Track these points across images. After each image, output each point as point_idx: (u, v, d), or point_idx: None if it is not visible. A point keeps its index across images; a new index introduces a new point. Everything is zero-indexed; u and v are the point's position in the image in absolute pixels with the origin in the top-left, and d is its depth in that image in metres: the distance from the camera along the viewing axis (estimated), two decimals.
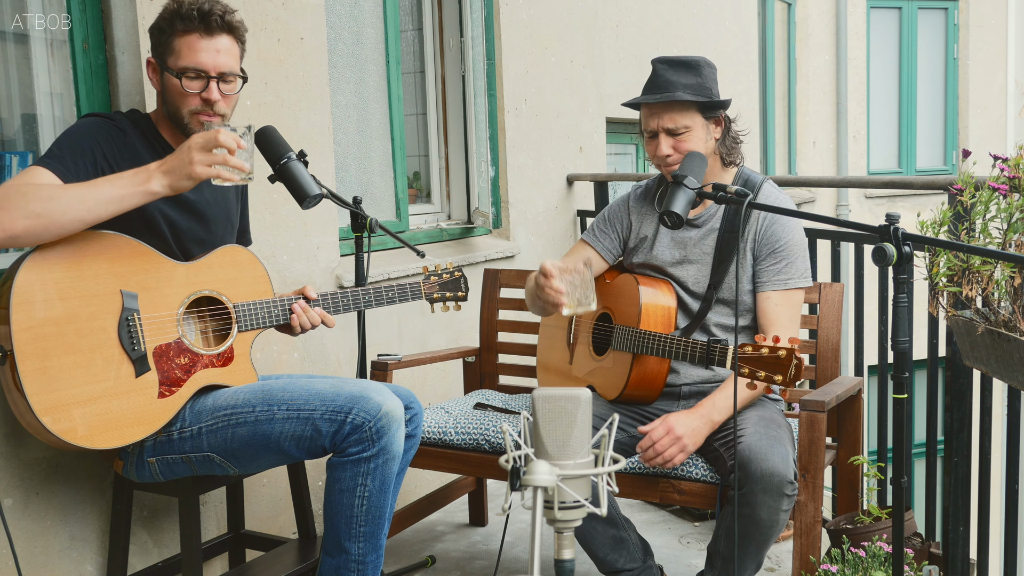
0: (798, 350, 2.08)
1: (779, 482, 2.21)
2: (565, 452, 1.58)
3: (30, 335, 1.95)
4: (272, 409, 2.18)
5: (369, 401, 2.18)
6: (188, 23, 2.15)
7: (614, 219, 2.70)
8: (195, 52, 2.15)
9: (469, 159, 4.21)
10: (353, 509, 2.21)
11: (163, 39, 2.18)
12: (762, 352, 2.11)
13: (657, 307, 2.51)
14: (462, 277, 2.77)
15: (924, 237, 1.90)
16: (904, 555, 1.96)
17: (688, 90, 2.43)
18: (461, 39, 4.14)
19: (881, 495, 3.20)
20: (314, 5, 3.14)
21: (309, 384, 2.24)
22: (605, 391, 2.61)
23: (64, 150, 2.07)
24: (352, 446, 2.18)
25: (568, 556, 1.60)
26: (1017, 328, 1.94)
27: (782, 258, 2.49)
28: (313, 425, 2.17)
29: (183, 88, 2.16)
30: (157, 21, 2.19)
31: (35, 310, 1.96)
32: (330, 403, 2.18)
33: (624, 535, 2.52)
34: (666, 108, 2.44)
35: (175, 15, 2.16)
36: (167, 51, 2.17)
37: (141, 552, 2.57)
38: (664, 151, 2.46)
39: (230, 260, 2.29)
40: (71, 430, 1.99)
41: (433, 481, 3.57)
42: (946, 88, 9.64)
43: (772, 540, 2.32)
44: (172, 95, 2.19)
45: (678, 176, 2.22)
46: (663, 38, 5.69)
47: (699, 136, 2.47)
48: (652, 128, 2.48)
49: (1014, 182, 2.00)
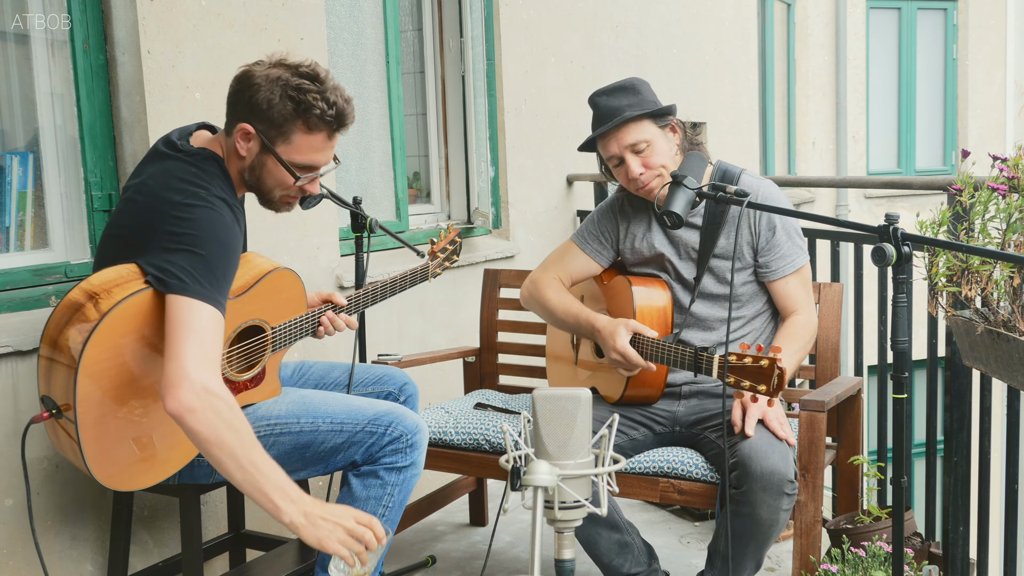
0: (779, 360, 2.07)
1: (779, 480, 2.21)
2: (565, 452, 1.58)
3: (92, 403, 1.90)
4: (317, 421, 2.22)
5: (406, 416, 2.26)
6: (321, 124, 2.04)
7: (603, 228, 2.70)
8: (317, 152, 2.07)
9: (469, 159, 4.21)
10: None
11: (283, 127, 2.03)
12: (745, 362, 2.11)
13: (652, 308, 2.52)
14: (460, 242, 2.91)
15: (923, 237, 1.90)
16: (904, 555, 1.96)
17: (632, 108, 2.47)
18: (461, 39, 4.14)
19: (881, 495, 3.20)
20: (314, 5, 3.15)
21: (346, 398, 2.30)
22: (607, 393, 2.61)
23: (218, 274, 1.91)
24: (388, 456, 2.23)
25: (568, 556, 1.60)
26: (1016, 328, 1.95)
27: (782, 242, 2.52)
28: (355, 436, 2.22)
29: (291, 179, 2.08)
30: (278, 101, 2.00)
31: (102, 379, 1.90)
32: (371, 416, 2.24)
33: (628, 539, 2.52)
34: (620, 130, 2.47)
35: (307, 109, 2.01)
36: (281, 138, 2.04)
37: (141, 552, 2.57)
38: (635, 170, 2.47)
39: (277, 286, 2.25)
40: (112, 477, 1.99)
41: (433, 481, 3.57)
42: (945, 88, 9.64)
43: (772, 539, 2.32)
44: (270, 175, 2.09)
45: (678, 176, 2.23)
46: (663, 38, 5.69)
47: (662, 148, 2.49)
48: (614, 153, 2.50)
49: (1013, 182, 2.00)
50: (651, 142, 2.48)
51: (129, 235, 1.99)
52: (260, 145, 2.05)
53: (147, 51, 2.57)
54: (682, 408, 2.57)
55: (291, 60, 2.06)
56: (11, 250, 2.50)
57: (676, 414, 2.57)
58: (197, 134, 2.15)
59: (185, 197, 1.95)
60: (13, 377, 2.27)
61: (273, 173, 2.09)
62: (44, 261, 2.53)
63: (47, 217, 2.58)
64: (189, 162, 2.03)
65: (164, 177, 2.00)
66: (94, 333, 1.86)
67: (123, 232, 2.02)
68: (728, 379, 2.14)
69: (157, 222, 1.94)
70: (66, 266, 2.53)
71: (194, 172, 2.01)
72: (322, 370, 2.58)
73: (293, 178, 2.08)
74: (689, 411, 2.57)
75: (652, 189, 2.49)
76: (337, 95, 2.05)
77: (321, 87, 2.03)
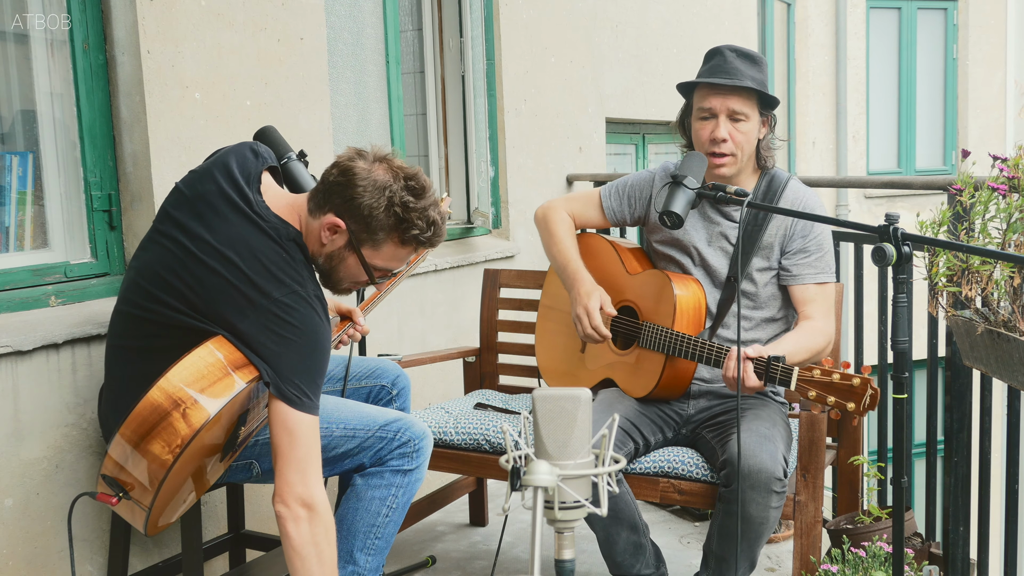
0: (873, 380, 2.06)
1: (766, 479, 2.21)
2: (565, 452, 1.58)
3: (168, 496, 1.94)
4: (331, 427, 2.25)
5: (414, 424, 2.30)
6: (415, 240, 2.04)
7: (633, 191, 2.71)
8: (399, 261, 2.08)
9: (469, 159, 4.21)
10: (378, 518, 2.25)
11: (377, 234, 2.00)
12: (833, 378, 2.08)
13: (690, 306, 2.50)
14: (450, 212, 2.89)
15: (923, 237, 1.90)
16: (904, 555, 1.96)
17: (754, 82, 2.46)
18: (461, 39, 4.14)
19: (881, 495, 3.20)
20: (314, 5, 3.15)
21: (357, 405, 2.34)
22: (630, 388, 2.59)
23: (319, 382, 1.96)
24: (396, 459, 2.26)
25: (568, 556, 1.60)
26: (1016, 328, 1.94)
27: (814, 251, 2.51)
28: (365, 442, 2.25)
29: (366, 278, 2.09)
30: (381, 212, 1.98)
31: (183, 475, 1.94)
32: (381, 423, 2.28)
33: (643, 541, 2.52)
34: (733, 92, 2.46)
35: (407, 226, 2.00)
36: (370, 242, 2.02)
37: (141, 552, 2.57)
38: (722, 133, 2.46)
39: None
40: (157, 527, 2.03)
41: (433, 481, 3.57)
42: (945, 88, 9.64)
43: (764, 538, 2.31)
44: (347, 270, 2.07)
45: (678, 176, 2.22)
46: (663, 38, 5.69)
47: (753, 129, 2.50)
48: (712, 106, 2.48)
49: (1013, 182, 2.00)
50: (749, 118, 2.47)
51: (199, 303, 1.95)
52: (346, 242, 2.02)
53: (147, 51, 2.57)
54: (691, 408, 2.58)
55: (396, 161, 2.03)
56: (11, 250, 2.50)
57: (686, 414, 2.57)
58: (267, 185, 2.08)
59: (284, 295, 1.94)
60: (13, 377, 2.27)
61: (351, 269, 2.07)
62: (44, 261, 2.53)
63: (47, 217, 2.58)
64: (276, 241, 1.98)
65: (252, 256, 1.95)
66: (186, 449, 1.87)
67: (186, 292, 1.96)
68: (810, 393, 2.11)
69: (247, 311, 1.92)
70: (66, 266, 2.53)
71: (285, 259, 1.97)
72: None
73: (368, 279, 2.08)
74: (697, 411, 2.57)
75: (723, 164, 2.48)
76: (437, 213, 2.04)
77: (424, 204, 2.01)
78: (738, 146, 2.47)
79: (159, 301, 1.98)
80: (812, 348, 2.44)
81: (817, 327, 2.48)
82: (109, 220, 2.62)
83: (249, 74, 2.89)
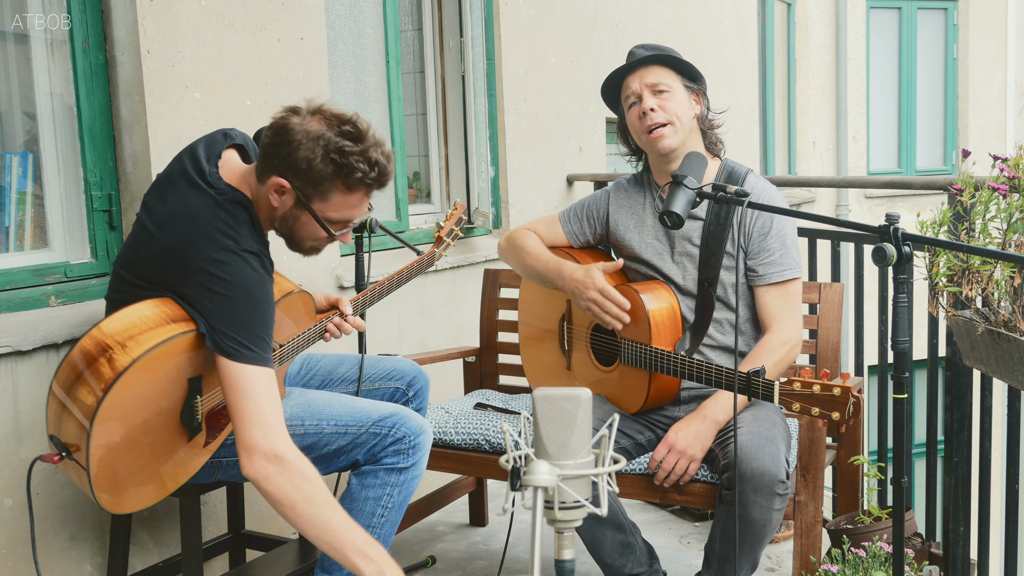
0: (854, 388, 2.03)
1: (770, 481, 2.20)
2: (565, 452, 1.58)
3: (104, 449, 1.91)
4: (321, 423, 2.23)
5: (411, 418, 2.26)
6: (361, 184, 2.00)
7: (590, 211, 2.71)
8: (353, 209, 2.04)
9: (469, 159, 4.21)
10: (373, 519, 2.22)
11: (321, 186, 1.98)
12: (814, 390, 2.06)
13: (664, 318, 2.47)
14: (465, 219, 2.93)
15: (924, 237, 1.90)
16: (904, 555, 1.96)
17: (658, 51, 2.48)
18: (461, 39, 4.14)
19: (881, 495, 3.20)
20: (314, 5, 3.14)
21: (351, 400, 2.31)
22: (621, 405, 2.58)
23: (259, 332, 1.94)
24: (390, 456, 2.23)
25: (568, 556, 1.60)
26: (1017, 328, 1.94)
27: (774, 248, 2.48)
28: (359, 438, 2.23)
29: (324, 233, 2.06)
30: (318, 162, 1.95)
31: (114, 430, 1.91)
32: (375, 418, 2.24)
33: (632, 540, 2.51)
34: (645, 68, 2.47)
35: (348, 172, 1.97)
36: (318, 196, 2.00)
37: (141, 552, 2.57)
38: (648, 104, 2.45)
39: (289, 308, 2.25)
40: (119, 504, 2.01)
41: (433, 481, 3.57)
42: (946, 88, 9.64)
43: (766, 539, 2.31)
44: (303, 229, 2.06)
45: (678, 176, 2.22)
46: (663, 38, 5.68)
47: (681, 100, 2.47)
48: (633, 89, 2.49)
49: (1014, 182, 2.00)
50: (672, 89, 2.46)
51: (150, 273, 1.99)
52: (295, 200, 2.02)
53: (147, 51, 2.57)
54: (681, 412, 2.57)
55: (330, 110, 2.00)
56: (11, 250, 2.50)
57: (676, 418, 2.56)
58: (227, 158, 2.10)
59: (216, 251, 1.94)
60: (13, 377, 2.27)
61: (307, 227, 2.06)
62: (44, 261, 2.53)
63: (47, 217, 2.58)
64: (219, 205, 1.99)
65: (192, 220, 1.97)
66: (109, 392, 1.86)
67: (142, 267, 2.01)
68: (793, 406, 2.09)
69: (185, 273, 1.94)
70: (66, 266, 2.53)
71: (223, 219, 1.98)
72: (330, 364, 2.58)
73: (327, 233, 2.07)
74: (688, 414, 2.56)
75: (662, 135, 2.46)
76: (378, 153, 2.00)
77: (363, 146, 1.97)
78: (671, 113, 2.45)
79: (128, 283, 2.04)
80: (778, 364, 2.43)
81: (773, 343, 2.45)
82: (109, 220, 2.62)
83: (249, 74, 2.89)
